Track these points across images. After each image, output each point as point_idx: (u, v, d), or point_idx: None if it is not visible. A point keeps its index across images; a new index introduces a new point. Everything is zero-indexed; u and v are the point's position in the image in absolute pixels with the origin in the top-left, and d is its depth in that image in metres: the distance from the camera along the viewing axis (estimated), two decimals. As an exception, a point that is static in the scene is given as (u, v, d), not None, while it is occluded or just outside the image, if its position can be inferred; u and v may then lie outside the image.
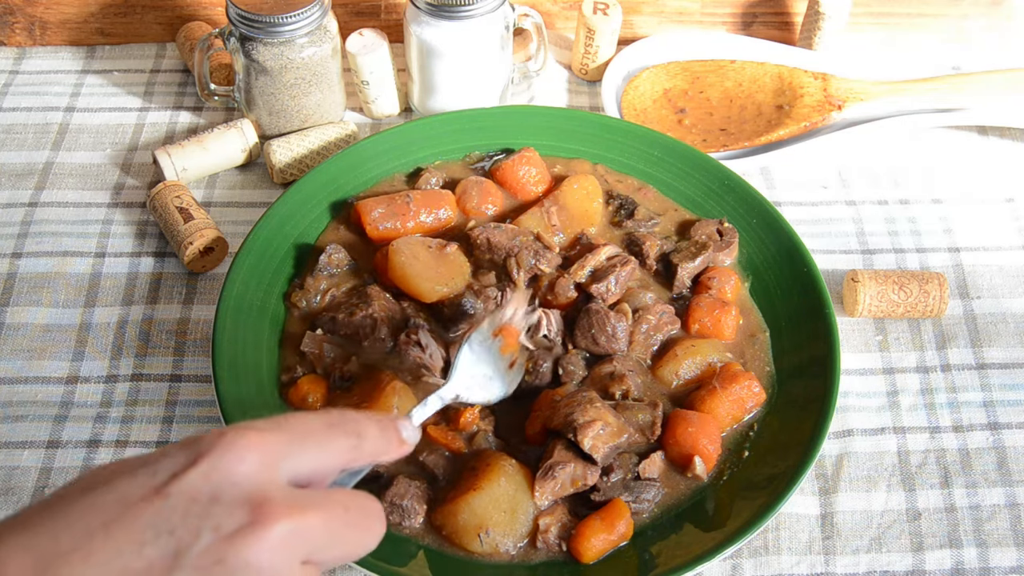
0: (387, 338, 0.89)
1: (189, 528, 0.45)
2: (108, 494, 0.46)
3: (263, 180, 1.10)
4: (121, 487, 0.47)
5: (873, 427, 0.92)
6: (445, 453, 0.84)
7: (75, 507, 0.46)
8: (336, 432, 0.54)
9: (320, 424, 0.54)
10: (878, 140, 1.16)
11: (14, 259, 1.02)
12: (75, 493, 0.47)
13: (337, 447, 0.53)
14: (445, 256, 0.93)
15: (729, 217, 1.02)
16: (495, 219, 1.01)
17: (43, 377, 0.93)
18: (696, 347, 0.91)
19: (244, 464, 0.48)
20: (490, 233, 0.94)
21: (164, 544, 0.45)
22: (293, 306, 0.94)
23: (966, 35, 1.28)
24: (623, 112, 1.15)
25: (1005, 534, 0.86)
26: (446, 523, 0.79)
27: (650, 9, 1.26)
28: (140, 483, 0.47)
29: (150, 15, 1.23)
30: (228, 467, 0.48)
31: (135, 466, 0.48)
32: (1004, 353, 0.98)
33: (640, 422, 0.85)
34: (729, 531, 0.79)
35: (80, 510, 0.46)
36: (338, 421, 0.55)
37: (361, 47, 1.10)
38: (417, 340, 0.87)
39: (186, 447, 0.49)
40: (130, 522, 0.45)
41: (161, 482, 0.47)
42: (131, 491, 0.46)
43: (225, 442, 0.48)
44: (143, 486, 0.47)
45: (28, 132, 1.14)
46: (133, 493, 0.46)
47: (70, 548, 0.44)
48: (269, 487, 0.48)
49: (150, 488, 0.46)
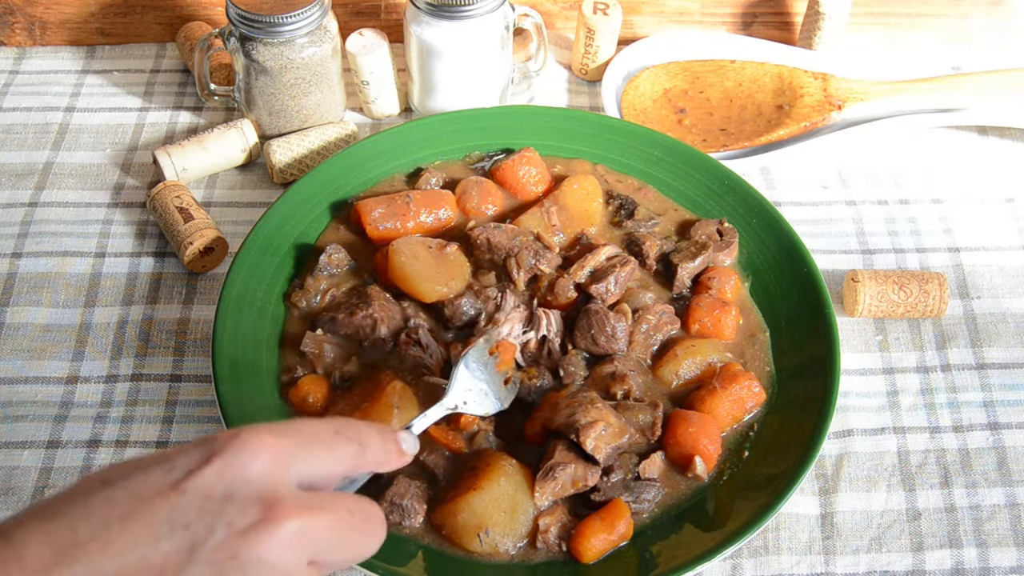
0: (387, 338, 0.89)
1: (204, 524, 0.47)
2: (125, 489, 0.48)
3: (263, 180, 1.10)
4: (137, 482, 0.48)
5: (873, 427, 0.92)
6: (445, 453, 0.84)
7: (93, 500, 0.47)
8: (342, 439, 0.56)
9: (328, 431, 0.55)
10: (878, 140, 1.16)
11: (14, 259, 1.02)
12: (93, 486, 0.48)
13: (343, 453, 0.55)
14: (445, 256, 0.93)
15: (729, 217, 1.02)
16: (495, 219, 1.01)
17: (43, 377, 0.93)
18: (696, 347, 0.91)
19: (257, 464, 0.49)
20: (490, 233, 0.94)
21: (179, 538, 0.46)
22: (293, 306, 0.94)
23: (966, 35, 1.28)
24: (623, 112, 1.15)
25: (1005, 534, 0.86)
26: (446, 523, 0.79)
27: (650, 9, 1.26)
28: (156, 479, 0.48)
29: (150, 15, 1.23)
30: (242, 466, 0.49)
31: (151, 463, 0.49)
32: (1004, 353, 0.98)
33: (640, 422, 0.85)
34: (729, 531, 0.79)
35: (98, 503, 0.47)
36: (343, 429, 0.56)
37: (361, 47, 1.10)
38: (417, 340, 0.88)
39: (200, 446, 0.50)
40: (147, 516, 0.46)
41: (177, 479, 0.48)
42: (147, 486, 0.48)
43: (239, 442, 0.50)
44: (159, 482, 0.48)
45: (28, 132, 1.14)
46: (150, 488, 0.47)
47: (88, 538, 0.45)
48: (280, 488, 0.50)
49: (166, 484, 0.48)
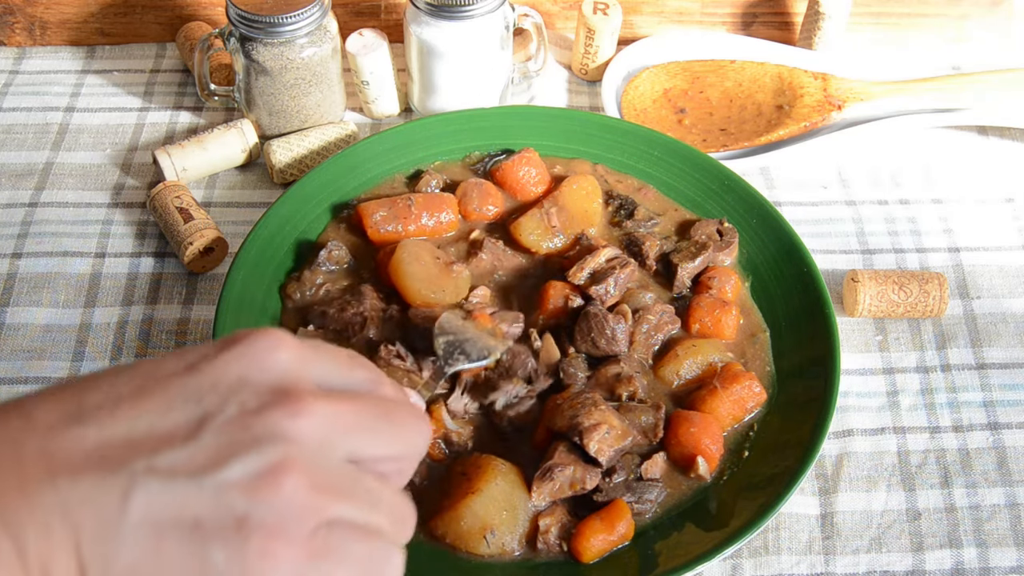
0: (375, 337, 0.89)
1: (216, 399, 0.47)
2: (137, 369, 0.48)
3: (263, 180, 1.10)
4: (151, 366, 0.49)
5: (873, 427, 0.92)
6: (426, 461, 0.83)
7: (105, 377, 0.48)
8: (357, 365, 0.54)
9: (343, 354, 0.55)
10: (878, 140, 1.16)
11: (14, 259, 1.02)
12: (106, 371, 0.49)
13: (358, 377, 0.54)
14: (449, 271, 0.92)
15: (729, 217, 1.01)
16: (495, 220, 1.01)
17: (43, 377, 0.93)
18: (697, 347, 0.91)
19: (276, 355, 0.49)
20: None
21: (191, 411, 0.46)
22: (287, 297, 0.93)
23: (966, 35, 1.28)
24: (623, 112, 1.15)
25: (1005, 534, 0.86)
26: (448, 531, 0.78)
27: (650, 9, 1.25)
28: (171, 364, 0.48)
29: (150, 15, 1.23)
30: (261, 356, 0.48)
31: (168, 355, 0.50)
32: (1004, 353, 0.98)
33: (643, 424, 0.85)
34: (729, 531, 0.78)
35: (110, 379, 0.48)
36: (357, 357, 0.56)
37: (361, 47, 1.10)
38: (397, 352, 0.86)
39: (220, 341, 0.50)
40: (159, 390, 0.47)
41: (191, 362, 0.48)
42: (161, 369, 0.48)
43: (259, 334, 0.49)
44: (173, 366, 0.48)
45: (28, 132, 1.14)
46: (163, 370, 0.48)
47: (96, 406, 0.46)
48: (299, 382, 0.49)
49: (180, 366, 0.48)
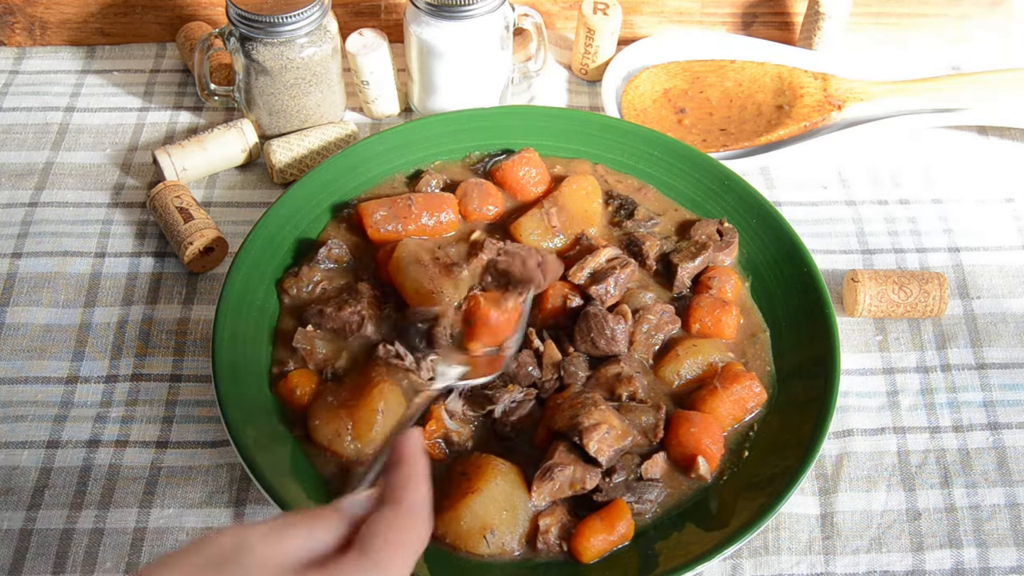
0: (373, 336, 0.89)
1: None
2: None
3: (263, 180, 1.10)
4: None
5: (873, 427, 0.92)
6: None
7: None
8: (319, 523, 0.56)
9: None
10: (878, 140, 1.16)
11: (14, 259, 1.02)
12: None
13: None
14: (449, 272, 0.92)
15: (729, 217, 1.01)
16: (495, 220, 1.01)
17: (43, 377, 0.93)
18: (697, 347, 0.91)
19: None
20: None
21: None
22: (284, 292, 0.93)
23: (966, 35, 1.28)
24: (623, 112, 1.15)
25: (1005, 534, 0.86)
26: (448, 531, 0.78)
27: (650, 9, 1.26)
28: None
29: (150, 15, 1.23)
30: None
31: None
32: (1004, 353, 0.98)
33: (643, 424, 0.85)
34: (729, 531, 0.79)
35: None
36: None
37: (361, 47, 1.10)
38: (396, 351, 0.87)
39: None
40: None
41: None
42: None
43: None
44: None
45: (28, 132, 1.14)
46: None
47: None
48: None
49: None
